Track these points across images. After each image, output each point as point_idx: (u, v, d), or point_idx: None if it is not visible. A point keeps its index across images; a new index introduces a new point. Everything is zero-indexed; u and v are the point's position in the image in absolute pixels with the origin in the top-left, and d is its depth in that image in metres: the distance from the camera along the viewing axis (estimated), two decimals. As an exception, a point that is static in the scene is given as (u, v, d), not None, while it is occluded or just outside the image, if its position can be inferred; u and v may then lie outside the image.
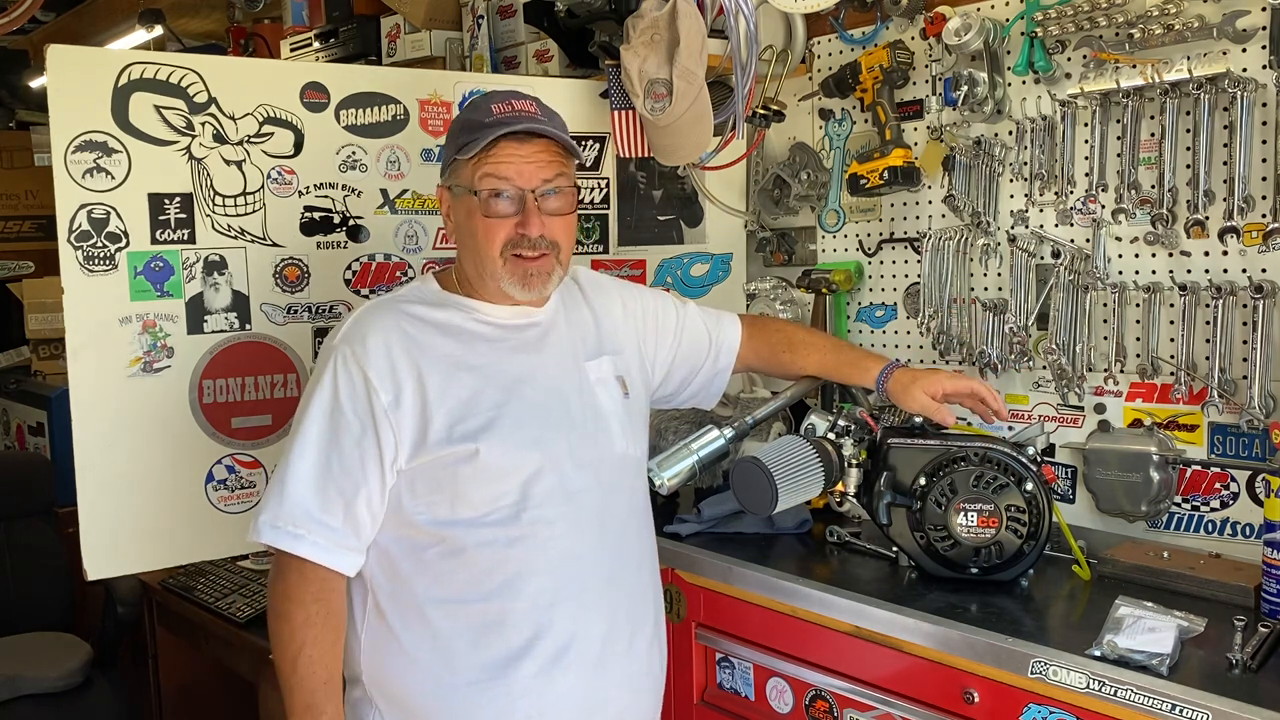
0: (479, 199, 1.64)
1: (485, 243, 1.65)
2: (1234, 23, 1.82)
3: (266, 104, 2.05)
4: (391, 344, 1.62)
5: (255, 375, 2.07)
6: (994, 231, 2.18)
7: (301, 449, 1.59)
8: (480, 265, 1.67)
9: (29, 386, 4.38)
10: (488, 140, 1.61)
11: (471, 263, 1.69)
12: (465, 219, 1.68)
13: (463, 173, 1.66)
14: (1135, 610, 1.63)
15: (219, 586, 2.80)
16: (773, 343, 2.04)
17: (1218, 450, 1.92)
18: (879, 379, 1.92)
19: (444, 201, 1.73)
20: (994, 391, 1.90)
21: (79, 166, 1.89)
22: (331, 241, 2.13)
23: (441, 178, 1.74)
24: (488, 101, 1.67)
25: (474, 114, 1.67)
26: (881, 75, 2.26)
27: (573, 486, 1.66)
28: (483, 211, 1.64)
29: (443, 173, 1.73)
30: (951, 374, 1.92)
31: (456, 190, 1.68)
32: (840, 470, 1.90)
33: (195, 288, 2.00)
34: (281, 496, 1.58)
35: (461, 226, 1.69)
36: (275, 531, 1.57)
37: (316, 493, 1.57)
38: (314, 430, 1.60)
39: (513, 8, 2.90)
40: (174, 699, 3.14)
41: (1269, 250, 1.81)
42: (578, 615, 1.64)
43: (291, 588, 1.58)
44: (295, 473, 1.58)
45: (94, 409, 1.92)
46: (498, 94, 1.68)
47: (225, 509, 2.05)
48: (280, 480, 1.59)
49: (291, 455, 1.59)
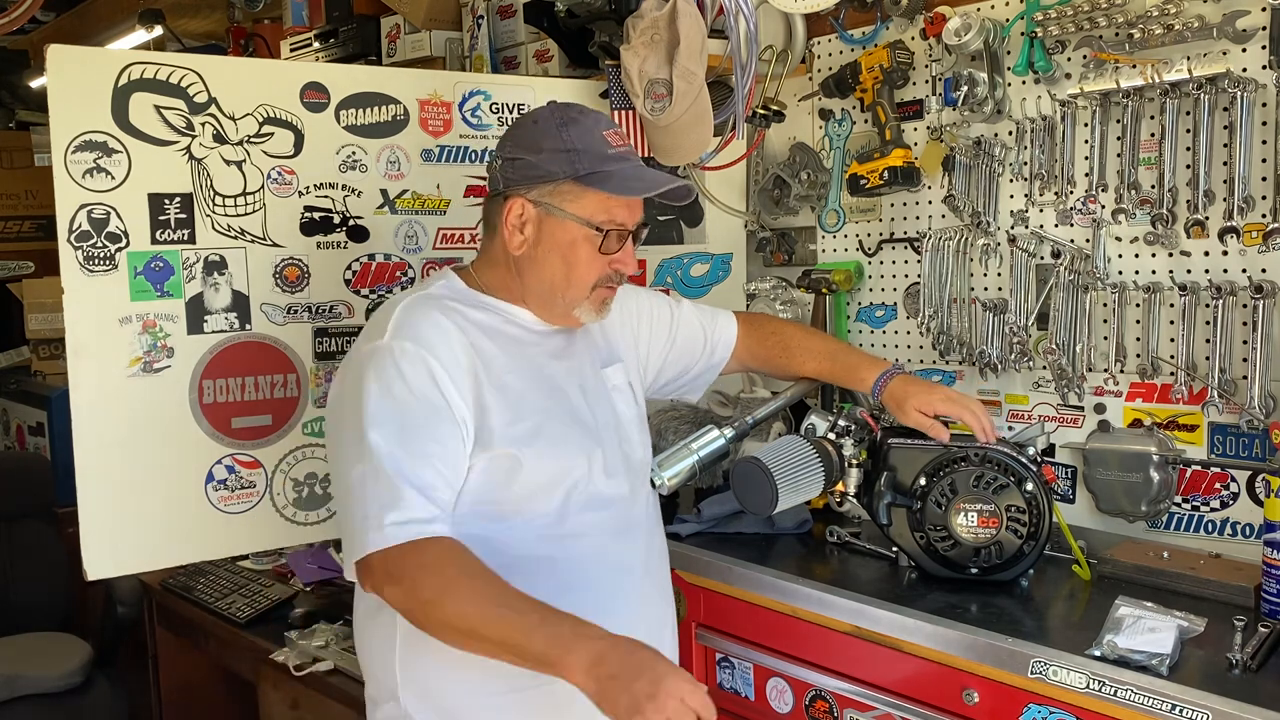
0: (598, 234, 1.60)
1: (585, 274, 1.62)
2: (1234, 23, 1.82)
3: (266, 104, 2.05)
4: (450, 337, 1.56)
5: (255, 375, 2.07)
6: (994, 231, 2.18)
7: (381, 447, 1.46)
8: (559, 291, 1.63)
9: (29, 386, 4.38)
10: (623, 179, 1.58)
11: (543, 283, 1.64)
12: (565, 245, 1.61)
13: (580, 201, 1.59)
14: (1135, 610, 1.63)
15: (219, 586, 2.80)
16: (768, 345, 2.03)
17: (1218, 450, 1.92)
18: (875, 388, 1.92)
19: (522, 214, 1.61)
20: (985, 414, 1.87)
21: (79, 166, 1.89)
22: (331, 241, 2.13)
23: (517, 188, 1.61)
24: (597, 126, 1.62)
25: (589, 140, 1.60)
26: (881, 75, 2.25)
27: (607, 493, 1.66)
28: (601, 248, 1.61)
29: (521, 184, 1.61)
30: (946, 394, 1.89)
31: (557, 213, 1.60)
32: (840, 470, 1.90)
33: (195, 288, 2.00)
34: (396, 494, 1.45)
35: (551, 250, 1.61)
36: (404, 527, 1.43)
37: (421, 470, 1.47)
38: (388, 426, 1.48)
39: (513, 8, 2.90)
40: (174, 699, 3.14)
41: (1269, 250, 1.81)
42: (620, 620, 1.58)
43: (429, 566, 1.43)
44: (390, 468, 1.46)
45: (94, 409, 1.91)
46: (601, 119, 1.64)
47: (225, 509, 2.05)
48: (372, 481, 1.46)
49: (374, 457, 1.46)
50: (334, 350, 2.14)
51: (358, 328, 2.16)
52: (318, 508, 2.14)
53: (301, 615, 2.43)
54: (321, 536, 2.20)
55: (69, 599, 3.37)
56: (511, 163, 1.62)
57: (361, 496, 1.46)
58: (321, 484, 2.14)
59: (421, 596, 1.42)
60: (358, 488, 1.47)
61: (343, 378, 1.59)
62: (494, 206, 1.65)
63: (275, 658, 2.33)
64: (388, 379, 1.50)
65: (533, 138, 1.61)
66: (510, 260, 1.64)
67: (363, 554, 1.44)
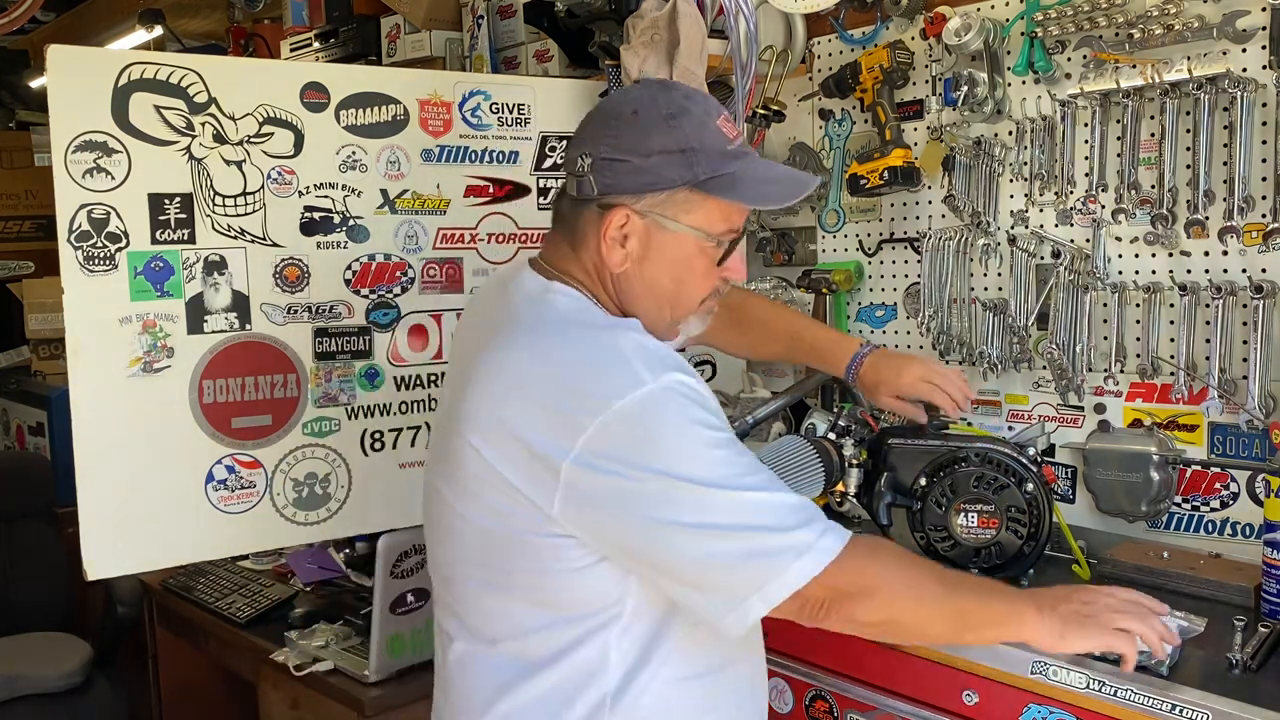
0: (716, 247, 1.39)
1: (698, 290, 1.42)
2: (1234, 23, 1.82)
3: (266, 104, 2.05)
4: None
5: (255, 375, 2.07)
6: (994, 231, 2.18)
7: (747, 479, 1.26)
8: (666, 309, 1.42)
9: (29, 386, 4.38)
10: (753, 185, 1.36)
11: (647, 301, 1.40)
12: (678, 261, 1.38)
13: (699, 211, 1.36)
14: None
15: (219, 586, 2.79)
16: (721, 319, 1.72)
17: (1218, 450, 1.92)
18: (849, 374, 1.87)
19: (624, 226, 1.36)
20: (958, 384, 1.84)
21: (79, 166, 1.89)
22: (331, 241, 2.13)
23: (619, 196, 1.35)
24: (709, 115, 1.37)
25: (704, 135, 1.35)
26: (881, 75, 2.26)
27: None
28: (717, 260, 1.40)
29: (625, 192, 1.35)
30: (916, 375, 1.83)
31: (671, 225, 1.36)
32: (840, 470, 1.90)
33: (195, 288, 2.00)
34: (801, 507, 1.28)
35: (661, 267, 1.38)
36: (835, 533, 1.28)
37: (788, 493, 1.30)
38: (732, 463, 1.26)
39: (513, 8, 2.90)
40: (174, 699, 3.13)
41: (1269, 250, 1.81)
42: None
43: (885, 561, 1.31)
44: (773, 488, 1.28)
45: (94, 409, 1.91)
46: (710, 104, 1.39)
47: (225, 509, 2.05)
48: (762, 515, 1.25)
49: (744, 489, 1.25)
50: (334, 350, 2.14)
51: (358, 328, 2.16)
52: (318, 508, 2.14)
53: (301, 615, 2.43)
54: (321, 536, 2.20)
55: (69, 599, 3.37)
56: (610, 165, 1.34)
57: (758, 530, 1.24)
58: (321, 484, 2.14)
59: (897, 597, 1.30)
60: (742, 529, 1.23)
61: (626, 447, 1.24)
62: (586, 215, 1.39)
63: (275, 658, 2.32)
64: (694, 419, 1.27)
65: (638, 134, 1.34)
66: (606, 275, 1.40)
67: (802, 582, 1.23)
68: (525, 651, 1.35)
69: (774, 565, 1.23)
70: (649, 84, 1.41)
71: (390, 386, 2.21)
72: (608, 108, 1.40)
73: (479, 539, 1.35)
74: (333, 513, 2.16)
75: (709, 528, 1.23)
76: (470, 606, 1.40)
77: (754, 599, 1.24)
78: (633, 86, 1.42)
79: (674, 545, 1.24)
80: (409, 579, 2.14)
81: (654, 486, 1.23)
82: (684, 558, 1.25)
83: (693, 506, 1.23)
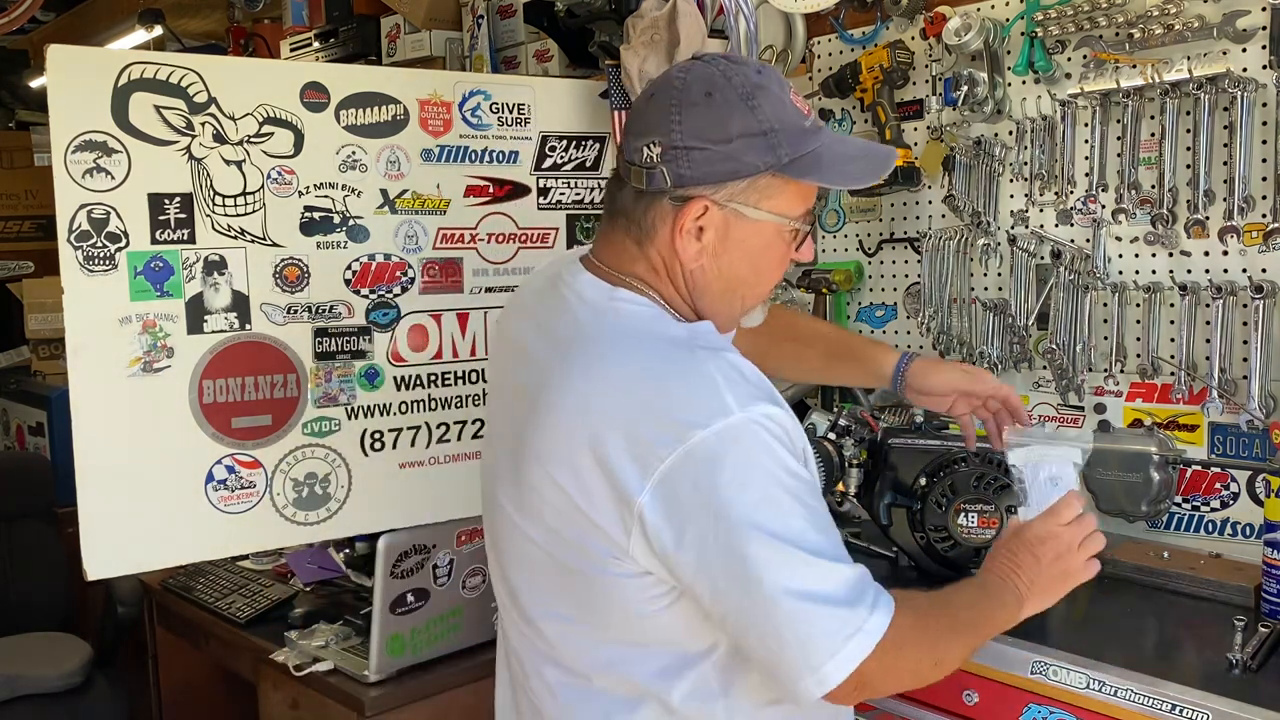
0: (796, 232, 1.31)
1: (775, 275, 1.35)
2: (1234, 23, 1.82)
3: (266, 104, 2.05)
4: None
5: (255, 375, 2.07)
6: (994, 231, 2.18)
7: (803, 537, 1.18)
8: (738, 299, 1.34)
9: (29, 386, 4.38)
10: (838, 163, 1.28)
11: (727, 293, 1.33)
12: (759, 247, 1.29)
13: (781, 195, 1.27)
14: (1026, 459, 1.49)
15: (219, 586, 2.79)
16: (774, 327, 1.68)
17: (1218, 450, 1.92)
18: (897, 383, 1.72)
19: (702, 217, 1.26)
20: (1001, 399, 1.68)
21: (79, 166, 1.89)
22: (331, 241, 2.13)
23: (698, 187, 1.25)
24: (784, 90, 1.27)
25: (783, 113, 1.24)
26: (881, 75, 2.26)
27: None
28: (796, 244, 1.32)
29: (704, 181, 1.24)
30: (963, 383, 1.68)
31: (752, 213, 1.26)
32: (840, 470, 1.90)
33: (195, 288, 2.00)
34: (850, 576, 1.20)
35: (739, 257, 1.29)
36: (882, 603, 1.20)
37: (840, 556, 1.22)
38: (796, 520, 1.18)
39: (513, 8, 2.90)
40: (174, 699, 3.13)
41: (1269, 250, 1.81)
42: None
43: (923, 619, 1.26)
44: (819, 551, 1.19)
45: (94, 409, 1.91)
46: (779, 77, 1.29)
47: (225, 509, 2.05)
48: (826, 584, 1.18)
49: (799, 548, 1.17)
50: (334, 350, 2.14)
51: (358, 328, 2.16)
52: (318, 508, 2.14)
53: (301, 615, 2.43)
54: (321, 536, 2.20)
55: (69, 599, 3.37)
56: (687, 154, 1.23)
57: (815, 601, 1.17)
58: (321, 484, 2.14)
59: (937, 654, 1.27)
60: (800, 596, 1.16)
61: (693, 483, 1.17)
62: (656, 209, 1.28)
63: (275, 658, 2.32)
64: (777, 462, 1.19)
65: (715, 118, 1.22)
66: (677, 271, 1.30)
67: (863, 655, 1.17)
68: (623, 688, 1.30)
69: (830, 649, 1.16)
70: (714, 60, 1.27)
71: (390, 386, 2.21)
72: (674, 90, 1.25)
73: (560, 575, 1.28)
74: (333, 513, 2.15)
75: (775, 591, 1.16)
76: (560, 642, 1.33)
77: (809, 680, 1.17)
78: (694, 64, 1.28)
79: (738, 601, 1.18)
80: (409, 579, 2.14)
81: (723, 536, 1.16)
82: (745, 616, 1.19)
83: (759, 563, 1.16)
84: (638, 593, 1.24)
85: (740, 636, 1.22)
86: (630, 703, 1.30)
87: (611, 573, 1.23)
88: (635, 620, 1.26)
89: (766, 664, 1.21)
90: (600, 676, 1.31)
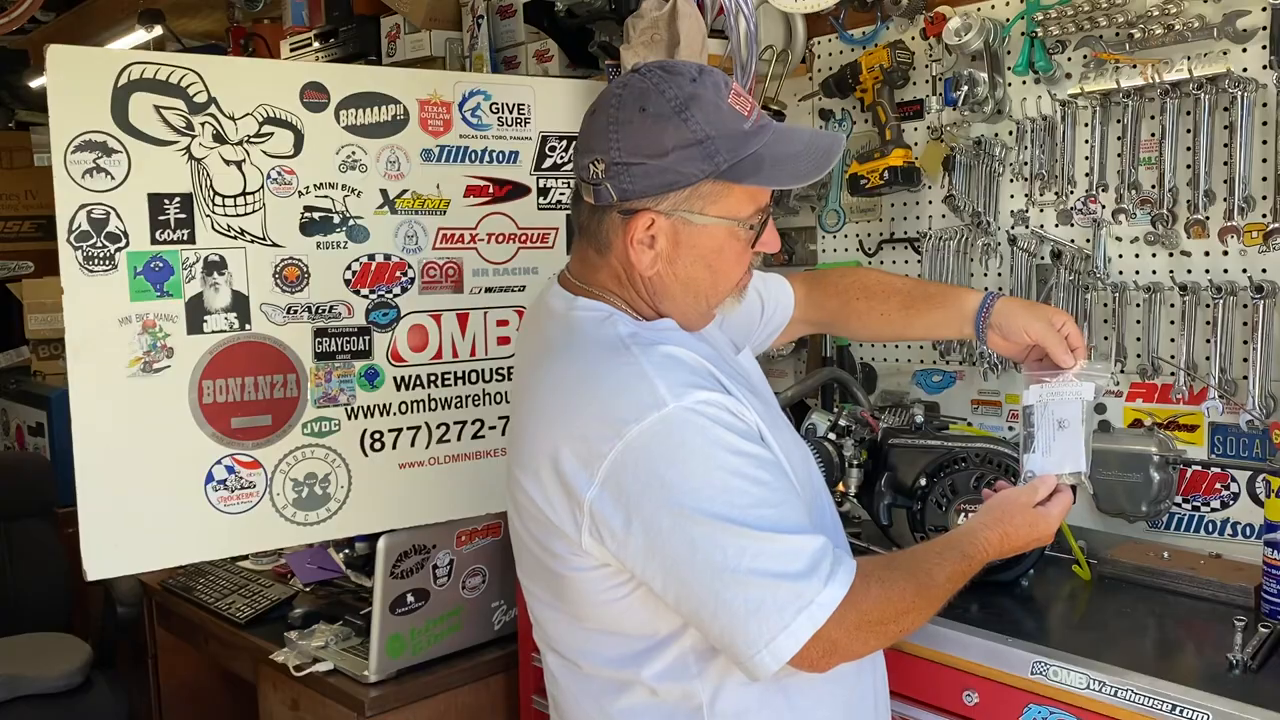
0: (749, 231, 1.33)
1: (732, 274, 1.36)
2: (1234, 23, 1.82)
3: (266, 104, 2.05)
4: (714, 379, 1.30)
5: (255, 375, 2.07)
6: (994, 231, 2.18)
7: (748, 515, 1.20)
8: (702, 298, 1.37)
9: (29, 386, 4.38)
10: (779, 165, 1.29)
11: (689, 295, 1.36)
12: (709, 253, 1.32)
13: (725, 199, 1.29)
14: (1040, 396, 1.47)
15: (219, 586, 2.79)
16: (843, 288, 1.72)
17: (1218, 450, 1.92)
18: (979, 324, 1.61)
19: (650, 228, 1.30)
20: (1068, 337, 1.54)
21: (79, 166, 1.89)
22: (331, 241, 2.13)
23: (640, 200, 1.28)
24: (719, 94, 1.28)
25: (719, 119, 1.26)
26: (881, 75, 2.25)
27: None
28: (751, 243, 1.35)
29: (646, 195, 1.28)
30: (1044, 340, 1.53)
31: (698, 219, 1.29)
32: (840, 470, 1.90)
33: (195, 288, 2.00)
34: (801, 546, 1.21)
35: (692, 261, 1.32)
36: (842, 569, 1.22)
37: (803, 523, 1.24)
38: (741, 498, 1.20)
39: (513, 8, 2.90)
40: (174, 699, 3.14)
41: (1269, 250, 1.81)
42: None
43: (889, 586, 1.26)
44: (769, 530, 1.20)
45: (94, 409, 1.91)
46: (718, 78, 1.30)
47: (225, 509, 2.05)
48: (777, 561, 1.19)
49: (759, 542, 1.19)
50: (334, 350, 2.14)
51: (357, 328, 2.16)
52: (317, 508, 2.14)
53: (301, 615, 2.43)
54: (321, 537, 2.20)
55: (69, 599, 3.37)
56: (627, 170, 1.27)
57: (763, 575, 1.19)
58: (321, 484, 2.14)
59: (903, 619, 1.27)
60: (748, 573, 1.19)
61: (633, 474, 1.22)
62: (608, 222, 1.32)
63: (275, 658, 2.33)
64: (715, 442, 1.22)
65: (649, 134, 1.26)
66: (637, 279, 1.35)
67: (815, 627, 1.19)
68: (606, 673, 1.37)
69: (782, 619, 1.19)
70: (650, 71, 1.30)
71: (390, 387, 2.21)
72: (611, 106, 1.29)
73: (544, 573, 1.37)
74: (332, 513, 2.16)
75: (722, 570, 1.19)
76: (550, 630, 1.43)
77: (764, 654, 1.19)
78: (632, 76, 1.31)
79: (687, 583, 1.22)
80: (409, 579, 2.15)
81: (667, 522, 1.20)
82: (702, 585, 1.21)
83: (705, 545, 1.19)
84: (599, 583, 1.30)
85: (695, 619, 1.25)
86: (617, 687, 1.36)
87: (574, 567, 1.31)
88: (604, 608, 1.32)
89: (722, 643, 1.24)
90: (586, 663, 1.39)
